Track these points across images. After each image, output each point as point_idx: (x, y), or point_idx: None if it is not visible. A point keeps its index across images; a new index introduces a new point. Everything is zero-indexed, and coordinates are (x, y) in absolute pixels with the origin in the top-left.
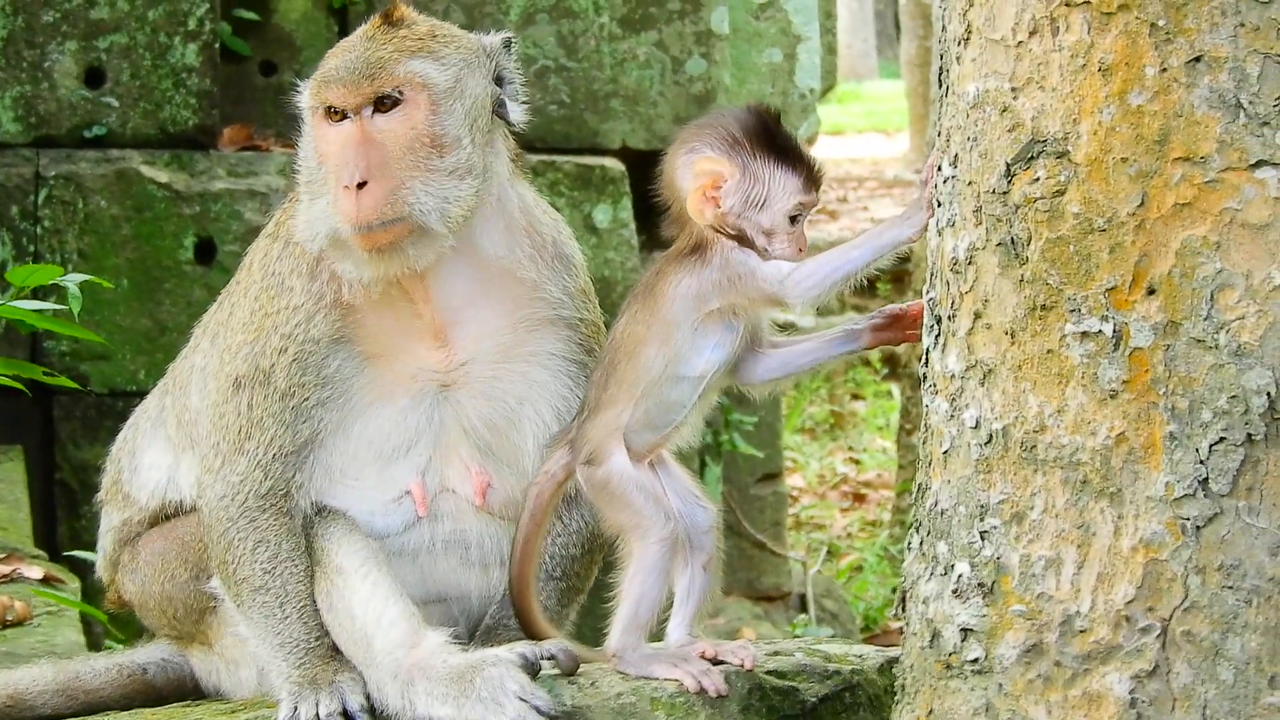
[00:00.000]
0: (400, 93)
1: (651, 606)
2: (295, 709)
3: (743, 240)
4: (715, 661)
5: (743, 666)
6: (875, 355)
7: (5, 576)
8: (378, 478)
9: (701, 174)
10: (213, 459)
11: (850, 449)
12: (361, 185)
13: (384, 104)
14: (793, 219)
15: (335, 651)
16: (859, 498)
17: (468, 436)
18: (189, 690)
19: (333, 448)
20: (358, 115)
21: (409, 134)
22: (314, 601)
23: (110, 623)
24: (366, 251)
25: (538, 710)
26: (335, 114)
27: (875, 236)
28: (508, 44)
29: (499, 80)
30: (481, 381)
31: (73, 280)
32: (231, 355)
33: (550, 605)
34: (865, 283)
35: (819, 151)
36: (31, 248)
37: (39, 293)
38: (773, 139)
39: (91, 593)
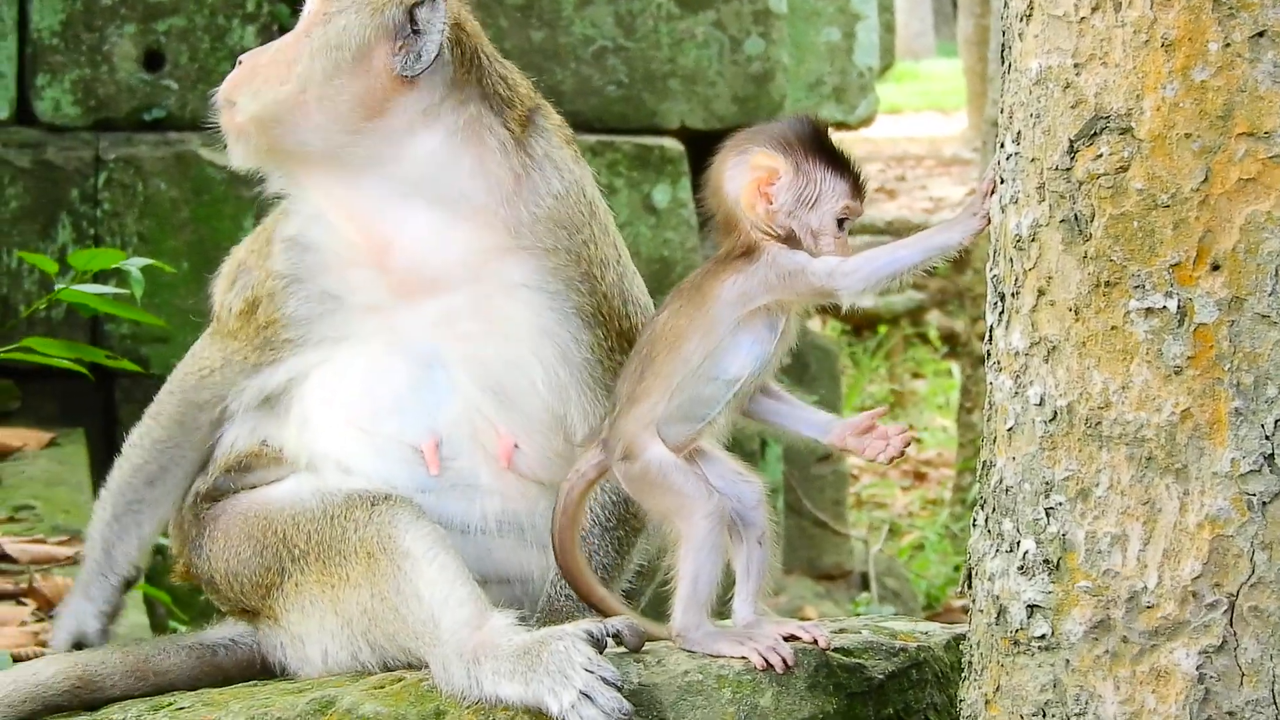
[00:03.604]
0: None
1: (709, 582)
2: None
3: (790, 241)
4: (785, 638)
5: (815, 644)
6: (934, 333)
7: (69, 559)
8: (381, 432)
9: (758, 168)
10: (199, 339)
11: (910, 427)
12: (239, 64)
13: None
14: (839, 222)
15: None
16: (919, 476)
17: (485, 394)
18: (256, 671)
19: (307, 393)
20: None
21: (289, 38)
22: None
23: (173, 604)
24: (224, 128)
25: (605, 681)
26: None
27: (926, 239)
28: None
29: (418, 30)
30: (468, 319)
31: (135, 264)
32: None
33: (610, 560)
34: None
35: (877, 130)
36: (92, 231)
37: (100, 276)
38: (823, 144)
39: (154, 574)
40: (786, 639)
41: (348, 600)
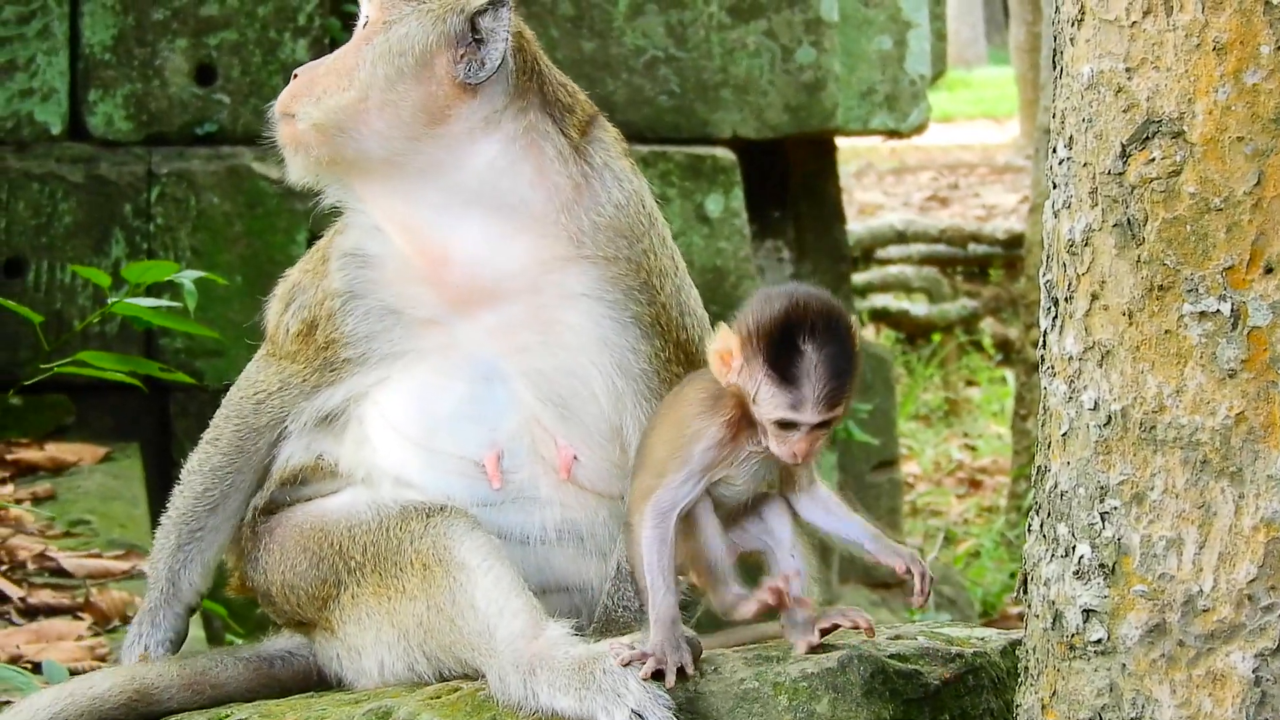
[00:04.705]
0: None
1: (718, 549)
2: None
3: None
4: (831, 628)
5: (856, 626)
6: (988, 341)
7: (125, 573)
8: (440, 448)
9: (720, 340)
10: (255, 359)
11: (965, 435)
12: (295, 77)
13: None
14: (782, 424)
15: None
16: (975, 484)
17: (545, 406)
18: (313, 683)
19: (365, 411)
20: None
21: (348, 48)
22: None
23: (230, 617)
24: (281, 142)
25: (659, 701)
26: None
27: (660, 598)
28: (494, 4)
29: (479, 39)
30: (526, 330)
31: (188, 277)
32: (288, 287)
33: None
34: (978, 268)
35: (929, 138)
36: (145, 245)
37: (153, 290)
38: (781, 349)
39: (211, 588)
40: (829, 630)
41: (404, 612)
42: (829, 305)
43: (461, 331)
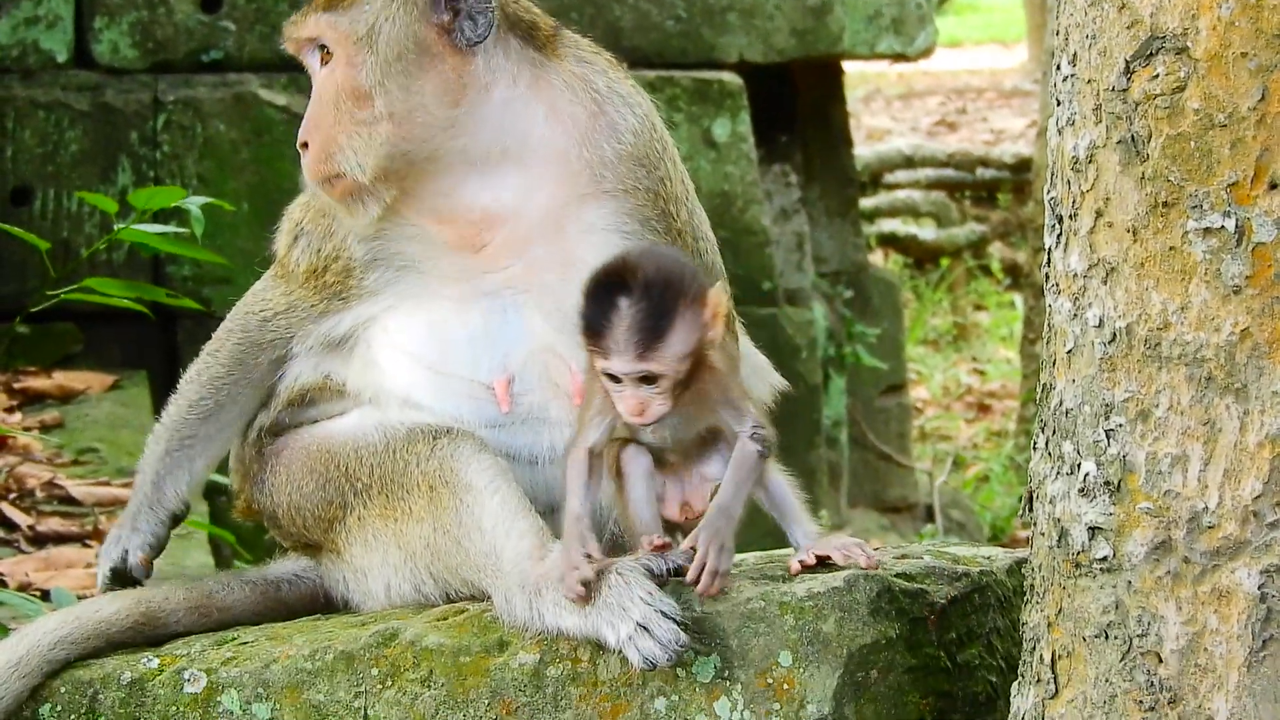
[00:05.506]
0: (324, 47)
1: (640, 502)
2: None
3: None
4: (822, 560)
5: (851, 560)
6: (997, 265)
7: None
8: (451, 371)
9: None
10: (263, 278)
11: (974, 360)
12: (305, 146)
13: (325, 56)
14: (610, 378)
15: None
16: (983, 408)
17: (560, 335)
18: (319, 605)
19: (374, 334)
20: (311, 65)
21: (334, 89)
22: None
23: (238, 544)
24: (336, 201)
25: (663, 614)
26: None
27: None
28: None
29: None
30: (547, 269)
31: (195, 203)
32: (293, 224)
33: None
34: (986, 193)
35: (937, 63)
36: (151, 173)
37: (160, 217)
38: (592, 299)
39: (219, 514)
40: (824, 559)
41: (410, 533)
42: (659, 263)
43: (485, 278)
